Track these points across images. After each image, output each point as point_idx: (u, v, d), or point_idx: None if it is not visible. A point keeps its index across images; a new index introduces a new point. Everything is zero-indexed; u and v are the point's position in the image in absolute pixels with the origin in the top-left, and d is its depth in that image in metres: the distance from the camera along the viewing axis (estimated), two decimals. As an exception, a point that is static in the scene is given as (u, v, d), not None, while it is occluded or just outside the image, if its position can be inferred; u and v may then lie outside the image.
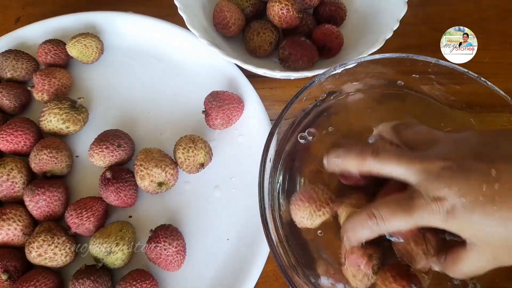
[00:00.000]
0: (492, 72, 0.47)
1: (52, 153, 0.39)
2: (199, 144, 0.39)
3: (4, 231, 0.36)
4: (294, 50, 0.43)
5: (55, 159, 0.39)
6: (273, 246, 0.31)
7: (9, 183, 0.38)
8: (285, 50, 0.44)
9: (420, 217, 0.27)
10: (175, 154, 0.40)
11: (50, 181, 0.38)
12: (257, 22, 0.46)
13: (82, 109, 0.43)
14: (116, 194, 0.37)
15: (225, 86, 0.45)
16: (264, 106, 0.43)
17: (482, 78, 0.34)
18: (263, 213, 0.32)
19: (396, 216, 0.28)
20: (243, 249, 0.38)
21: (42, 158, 0.38)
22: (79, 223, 0.36)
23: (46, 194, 0.37)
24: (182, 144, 0.39)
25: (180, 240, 0.37)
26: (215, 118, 0.41)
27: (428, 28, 0.51)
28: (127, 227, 0.37)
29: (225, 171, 0.42)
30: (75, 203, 0.37)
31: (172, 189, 0.40)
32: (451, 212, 0.26)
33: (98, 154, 0.39)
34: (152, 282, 0.35)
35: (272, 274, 0.38)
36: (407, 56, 0.35)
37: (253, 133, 0.43)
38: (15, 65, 0.44)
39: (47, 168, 0.39)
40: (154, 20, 0.48)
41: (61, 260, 0.36)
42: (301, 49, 0.44)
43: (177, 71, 0.47)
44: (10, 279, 0.34)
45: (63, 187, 0.39)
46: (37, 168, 0.39)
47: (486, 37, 0.51)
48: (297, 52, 0.43)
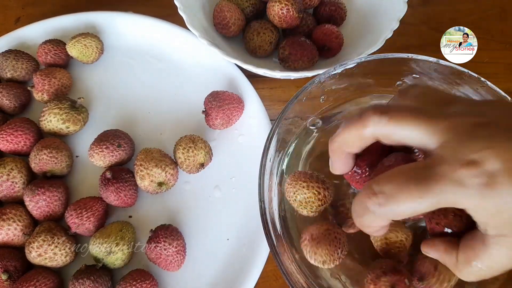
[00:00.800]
0: (492, 72, 0.47)
1: (52, 153, 0.39)
2: (199, 144, 0.39)
3: (4, 231, 0.36)
4: (294, 50, 0.43)
5: (55, 159, 0.39)
6: (273, 246, 0.31)
7: (9, 183, 0.38)
8: (285, 50, 0.44)
9: (442, 192, 0.19)
10: (175, 154, 0.40)
11: (50, 181, 0.38)
12: (257, 22, 0.46)
13: (82, 109, 0.43)
14: (116, 194, 0.37)
15: (225, 86, 0.45)
16: (264, 106, 0.43)
17: (482, 78, 0.34)
18: (263, 213, 0.32)
19: (407, 193, 0.20)
20: (243, 249, 0.38)
21: (42, 158, 0.38)
22: (79, 223, 0.36)
23: (46, 194, 0.37)
24: (182, 144, 0.39)
25: (180, 240, 0.37)
26: (215, 118, 0.41)
27: (428, 28, 0.51)
28: (127, 227, 0.37)
29: (225, 171, 0.42)
30: (75, 203, 0.37)
31: (172, 189, 0.40)
32: (491, 184, 0.18)
33: (98, 154, 0.39)
34: (152, 282, 0.35)
35: (272, 274, 0.38)
36: (407, 56, 0.35)
37: (253, 133, 0.43)
38: (15, 65, 0.44)
39: (47, 168, 0.39)
40: (154, 20, 0.48)
41: (61, 260, 0.36)
42: (301, 49, 0.44)
43: (177, 71, 0.47)
44: (10, 279, 0.34)
45: (63, 187, 0.39)
46: (37, 168, 0.39)
47: (486, 37, 0.51)
48: (297, 52, 0.43)
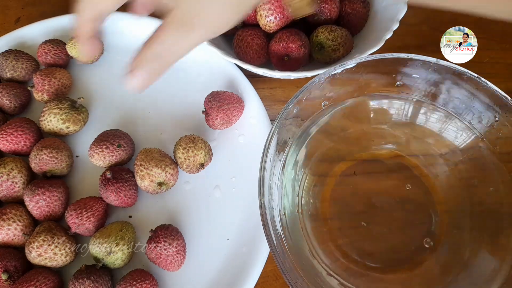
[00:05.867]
0: (492, 72, 0.47)
1: (52, 153, 0.39)
2: (199, 144, 0.39)
3: (4, 231, 0.36)
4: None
5: (55, 159, 0.39)
6: (273, 246, 0.31)
7: (9, 183, 0.38)
8: None
9: None
10: (175, 154, 0.40)
11: (50, 181, 0.38)
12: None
13: (82, 109, 0.43)
14: (116, 194, 0.37)
15: (225, 86, 0.45)
16: (264, 106, 0.43)
17: (482, 78, 0.34)
18: (263, 213, 0.32)
19: None
20: (243, 249, 0.38)
21: (42, 158, 0.38)
22: (79, 223, 0.36)
23: (46, 194, 0.37)
24: (182, 144, 0.39)
25: (180, 240, 0.37)
26: (215, 118, 0.41)
27: (428, 28, 0.51)
28: (127, 227, 0.37)
29: (225, 171, 0.42)
30: (75, 203, 0.37)
31: (172, 189, 0.40)
32: None
33: (98, 154, 0.39)
34: (152, 282, 0.35)
35: (272, 274, 0.38)
36: (407, 56, 0.35)
37: (253, 133, 0.43)
38: (15, 65, 0.44)
39: (47, 168, 0.39)
40: (154, 20, 0.48)
41: (61, 260, 0.36)
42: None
43: (177, 71, 0.47)
44: (10, 279, 0.34)
45: (63, 187, 0.39)
46: (37, 168, 0.39)
47: (486, 37, 0.51)
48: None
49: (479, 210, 0.36)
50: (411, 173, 0.39)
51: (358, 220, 0.38)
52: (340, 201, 0.38)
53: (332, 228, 0.37)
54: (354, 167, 0.39)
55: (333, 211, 0.38)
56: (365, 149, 0.40)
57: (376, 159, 0.40)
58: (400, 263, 0.36)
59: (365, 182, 0.39)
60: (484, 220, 0.36)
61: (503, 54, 0.50)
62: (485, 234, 0.35)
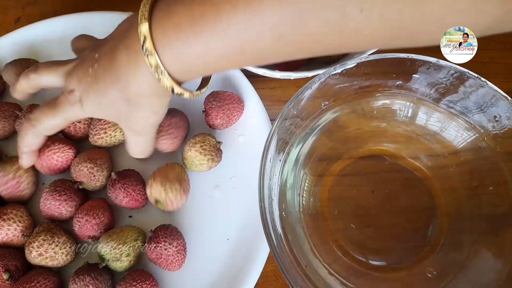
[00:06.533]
0: (492, 72, 0.47)
1: (93, 170, 0.38)
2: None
3: (4, 231, 0.36)
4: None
5: (92, 176, 0.38)
6: (273, 246, 0.31)
7: (14, 182, 0.38)
8: None
9: (64, 110, 0.32)
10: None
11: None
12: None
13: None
14: (124, 190, 0.37)
15: (225, 86, 0.45)
16: (264, 106, 0.43)
17: (482, 78, 0.34)
18: (263, 213, 0.32)
19: (45, 115, 0.33)
20: (243, 249, 0.38)
21: (82, 170, 0.38)
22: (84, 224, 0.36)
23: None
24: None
25: (180, 239, 0.37)
26: (215, 118, 0.41)
27: (428, 28, 0.51)
28: (141, 237, 0.37)
29: (225, 171, 0.42)
30: (82, 207, 0.37)
31: (172, 189, 0.40)
32: (81, 100, 0.31)
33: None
34: (152, 282, 0.35)
35: (272, 274, 0.39)
36: (407, 56, 0.35)
37: (253, 133, 0.43)
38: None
39: (81, 179, 0.38)
40: (154, 20, 0.48)
41: (62, 259, 0.36)
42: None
43: (177, 71, 0.47)
44: (11, 279, 0.34)
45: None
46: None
47: (486, 37, 0.50)
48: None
49: (479, 210, 0.36)
50: (411, 173, 0.39)
51: (358, 220, 0.38)
52: (340, 200, 0.39)
53: (333, 228, 0.37)
54: (354, 165, 0.40)
55: (333, 211, 0.38)
56: (364, 147, 0.40)
57: (375, 159, 0.40)
58: (400, 262, 0.36)
59: (365, 181, 0.40)
60: (484, 220, 0.36)
61: (503, 54, 0.50)
62: (485, 234, 0.35)
